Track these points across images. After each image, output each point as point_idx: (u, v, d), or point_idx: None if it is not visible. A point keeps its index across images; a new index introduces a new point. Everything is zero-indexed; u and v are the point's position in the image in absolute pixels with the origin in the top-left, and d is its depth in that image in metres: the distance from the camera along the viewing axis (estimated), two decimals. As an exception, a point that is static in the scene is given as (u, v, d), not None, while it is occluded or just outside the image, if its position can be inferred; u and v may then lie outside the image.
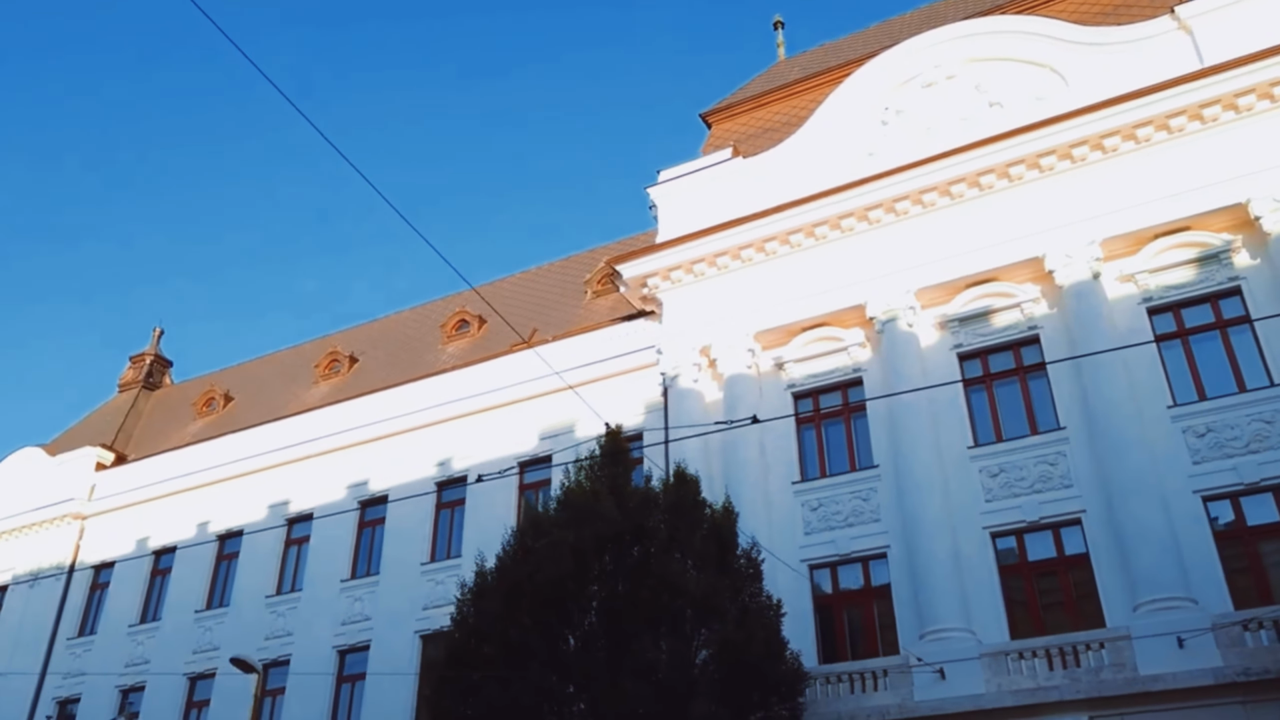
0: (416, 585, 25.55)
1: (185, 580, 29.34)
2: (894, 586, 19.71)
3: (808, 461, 22.20)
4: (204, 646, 27.76)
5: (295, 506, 28.62)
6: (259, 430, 30.32)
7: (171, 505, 30.85)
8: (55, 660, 30.05)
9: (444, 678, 17.01)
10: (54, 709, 29.49)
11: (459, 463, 26.70)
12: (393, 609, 25.46)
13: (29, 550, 32.41)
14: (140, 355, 40.79)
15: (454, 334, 31.37)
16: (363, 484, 27.87)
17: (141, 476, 32.10)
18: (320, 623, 26.15)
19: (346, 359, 33.28)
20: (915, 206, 22.28)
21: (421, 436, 27.50)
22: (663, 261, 24.53)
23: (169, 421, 36.19)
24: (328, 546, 27.52)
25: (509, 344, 28.84)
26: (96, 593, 31.22)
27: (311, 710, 25.09)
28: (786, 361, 23.07)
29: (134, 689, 28.40)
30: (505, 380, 26.98)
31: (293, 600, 27.18)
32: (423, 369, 30.25)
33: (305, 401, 32.19)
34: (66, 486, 32.97)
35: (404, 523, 26.66)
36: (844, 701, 18.31)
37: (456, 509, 26.47)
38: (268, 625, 27.03)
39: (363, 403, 28.88)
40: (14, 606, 31.74)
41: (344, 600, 26.39)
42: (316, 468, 28.74)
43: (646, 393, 24.93)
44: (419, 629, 24.88)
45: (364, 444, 28.26)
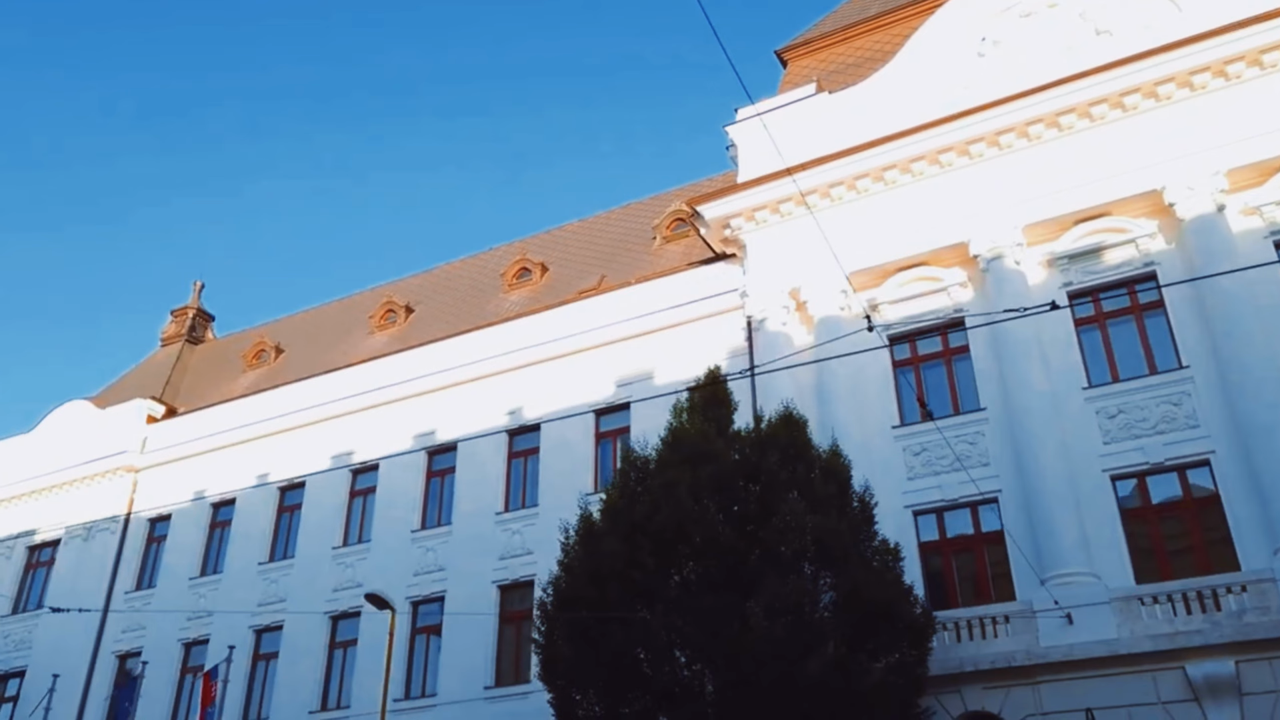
0: (491, 535, 24.93)
1: (246, 532, 28.77)
2: (1007, 531, 19.02)
3: (906, 405, 21.46)
4: (269, 599, 27.23)
5: (359, 457, 27.97)
6: (320, 380, 29.62)
7: (229, 457, 30.22)
8: (113, 613, 29.57)
9: (568, 621, 16.34)
10: (113, 662, 29.05)
11: (530, 411, 26.00)
12: (467, 559, 24.86)
13: (81, 503, 31.84)
14: (182, 309, 40.09)
15: (515, 282, 30.58)
16: (430, 433, 27.18)
17: (195, 429, 31.45)
18: (391, 574, 25.54)
19: (403, 309, 32.52)
20: (1020, 140, 21.35)
21: (490, 385, 26.78)
22: (747, 201, 23.65)
23: (218, 375, 35.52)
24: (395, 497, 26.90)
25: (575, 291, 28.13)
26: (153, 545, 30.67)
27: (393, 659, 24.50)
28: (881, 303, 22.24)
29: (196, 642, 27.91)
30: (576, 327, 26.19)
31: (361, 551, 26.60)
32: (485, 317, 29.52)
33: (363, 351, 31.47)
34: (117, 439, 32.35)
35: (474, 472, 26.03)
36: (963, 649, 17.68)
37: (529, 458, 25.80)
38: (335, 577, 26.47)
39: (428, 351, 28.14)
40: (68, 560, 31.24)
41: (415, 551, 25.80)
42: (381, 417, 28.06)
43: (729, 338, 24.13)
44: (496, 579, 24.30)
45: (430, 393, 27.55)
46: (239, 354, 35.65)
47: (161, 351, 39.01)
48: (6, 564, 32.40)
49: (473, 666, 23.57)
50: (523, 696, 22.66)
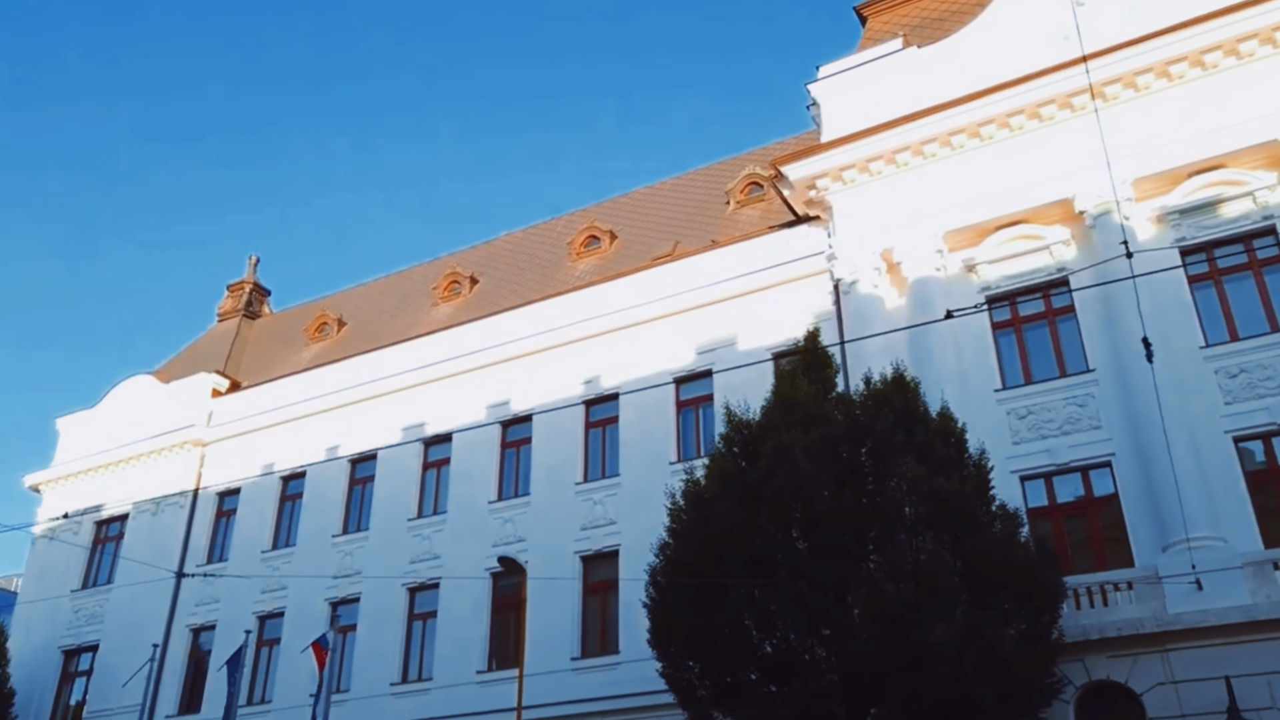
0: (571, 506, 24.53)
1: (317, 505, 28.53)
2: (1122, 496, 18.38)
3: (1007, 368, 20.80)
4: (344, 571, 27.00)
5: (431, 429, 27.63)
6: (390, 351, 29.29)
7: (297, 430, 29.98)
8: (185, 587, 29.48)
9: (679, 589, 15.90)
10: (187, 636, 28.98)
11: (607, 380, 25.52)
12: (547, 530, 24.48)
13: (149, 478, 31.75)
14: (238, 284, 39.88)
15: (583, 250, 30.04)
16: (504, 404, 26.78)
17: (261, 402, 31.24)
18: (470, 545, 25.23)
19: (467, 279, 32.08)
20: (1127, 91, 20.51)
21: (565, 354, 26.31)
22: (834, 160, 22.95)
23: (279, 348, 35.29)
24: (470, 468, 26.56)
25: (648, 258, 27.58)
26: (222, 519, 30.54)
27: (471, 633, 24.27)
28: (979, 263, 21.54)
29: (271, 615, 27.76)
30: (653, 294, 25.64)
31: (438, 523, 26.28)
32: (553, 286, 29.04)
33: (427, 323, 31.09)
34: (183, 413, 32.20)
35: (551, 443, 25.61)
36: (1083, 616, 17.08)
37: (608, 428, 25.35)
38: (412, 549, 26.18)
39: (500, 320, 27.71)
40: (138, 534, 31.18)
41: (493, 522, 25.45)
42: (453, 388, 27.68)
43: (814, 302, 23.51)
44: (579, 549, 23.91)
45: (503, 363, 27.13)
46: (300, 327, 35.38)
47: (219, 326, 38.84)
48: (75, 539, 32.38)
49: (558, 638, 23.22)
50: (611, 668, 22.35)
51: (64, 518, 31.08)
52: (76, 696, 30.29)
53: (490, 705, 23.19)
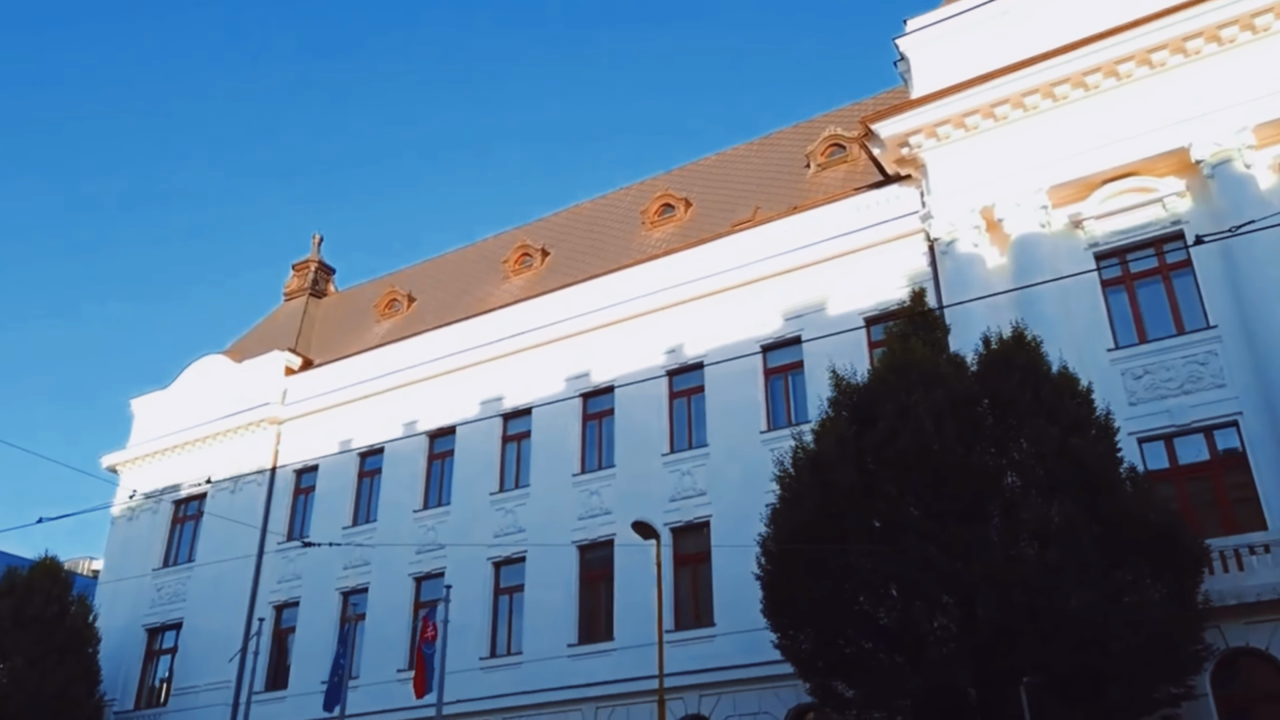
0: (659, 477, 24.10)
1: (397, 480, 28.37)
2: (1251, 456, 17.57)
3: (1119, 327, 19.98)
4: (427, 545, 26.83)
5: (510, 402, 27.31)
6: (464, 325, 28.99)
7: (373, 406, 29.82)
8: (267, 564, 29.53)
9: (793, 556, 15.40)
10: (270, 613, 29.01)
11: (691, 349, 25.00)
12: (632, 503, 23.99)
13: (226, 456, 31.80)
14: (303, 263, 39.82)
15: (658, 219, 29.48)
16: (583, 376, 26.37)
17: (336, 379, 31.10)
18: (554, 518, 24.91)
19: (538, 251, 31.66)
20: (1245, 33, 19.52)
21: (645, 324, 25.83)
22: (928, 116, 22.17)
23: (349, 325, 35.17)
24: (550, 442, 26.21)
25: (727, 224, 26.97)
26: (301, 497, 30.52)
27: (559, 607, 23.98)
28: (1085, 218, 20.70)
29: (355, 590, 27.69)
30: (735, 260, 25.05)
31: (519, 497, 25.99)
32: (628, 256, 28.54)
33: (499, 296, 30.74)
34: (258, 392, 32.20)
35: (633, 414, 25.18)
36: (1218, 581, 16.26)
37: (693, 398, 24.84)
38: (496, 523, 25.91)
39: (577, 291, 27.27)
40: (218, 512, 31.18)
41: (577, 495, 25.10)
42: (531, 361, 27.33)
43: (907, 264, 22.82)
44: (667, 521, 23.45)
45: (581, 335, 26.71)
46: (370, 304, 35.21)
47: (286, 305, 38.82)
48: (154, 519, 32.58)
49: (648, 611, 22.82)
50: (706, 640, 21.95)
51: (137, 497, 31.37)
52: (161, 673, 30.51)
53: (581, 679, 22.97)
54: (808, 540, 15.31)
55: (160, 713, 28.89)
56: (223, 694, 28.10)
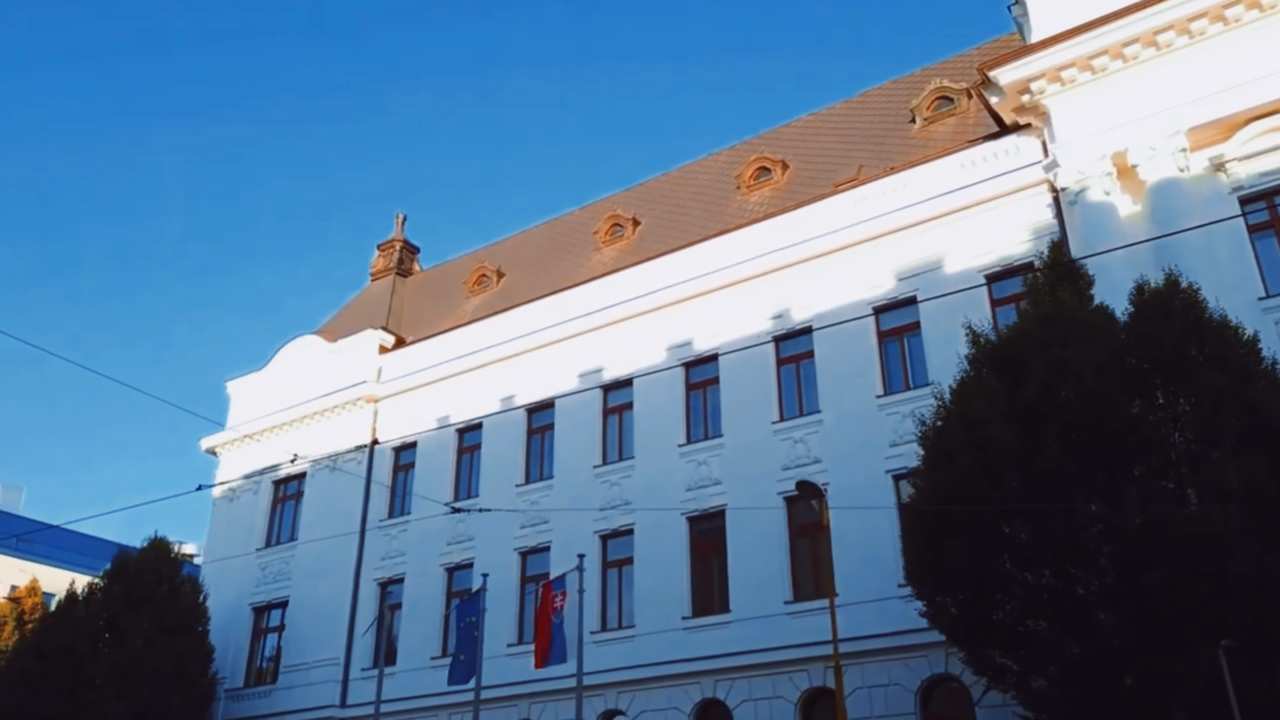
0: (769, 446, 23.47)
1: (496, 456, 28.16)
2: None
3: (1269, 273, 18.79)
4: (531, 521, 26.58)
5: (610, 373, 26.87)
6: (560, 298, 28.61)
7: (469, 381, 29.63)
8: (370, 541, 29.58)
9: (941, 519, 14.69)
10: (375, 590, 29.08)
11: (798, 313, 24.28)
12: (742, 472, 23.49)
13: (324, 435, 31.90)
14: (388, 243, 39.82)
15: (753, 182, 28.69)
16: (685, 344, 25.80)
17: (430, 356, 30.98)
18: (661, 490, 24.41)
19: (629, 221, 31.10)
20: (1407, -48, 18.11)
21: (749, 290, 25.15)
22: (1052, 60, 21.01)
23: (438, 302, 35.04)
24: (653, 412, 25.72)
25: (830, 184, 26.12)
26: (400, 474, 30.51)
27: (671, 579, 23.55)
28: (1228, 160, 19.47)
29: (459, 566, 27.59)
30: (842, 221, 24.23)
31: (624, 469, 25.57)
32: (725, 222, 27.85)
33: (592, 268, 30.28)
34: (353, 371, 32.24)
35: (739, 382, 24.57)
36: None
37: (801, 363, 24.13)
38: (600, 495, 25.52)
39: (676, 259, 26.69)
40: (317, 491, 31.42)
41: (684, 466, 24.59)
42: (630, 331, 26.84)
43: (1030, 216, 21.82)
44: (780, 490, 22.82)
45: (682, 303, 26.13)
46: (458, 281, 35.04)
47: (374, 285, 38.87)
48: (254, 499, 32.88)
49: (766, 583, 22.31)
50: (826, 611, 21.27)
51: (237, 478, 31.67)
52: (269, 651, 30.83)
53: (695, 652, 22.54)
54: (958, 501, 14.58)
55: (271, 690, 29.17)
56: (332, 670, 28.27)
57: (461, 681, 20.25)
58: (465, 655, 19.98)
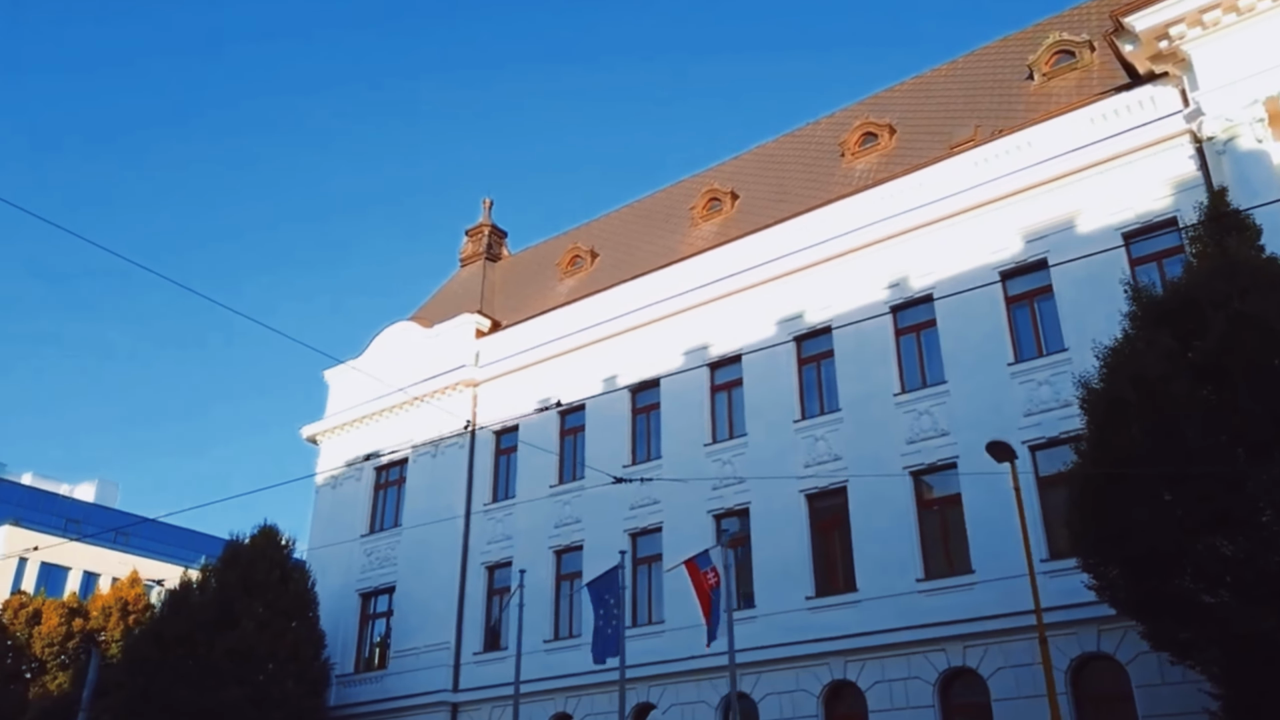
0: (892, 419, 22.64)
1: (601, 437, 27.73)
2: None
3: None
4: (642, 501, 26.08)
5: (717, 350, 26.23)
6: (661, 274, 28.07)
7: (569, 363, 29.24)
8: (475, 525, 29.40)
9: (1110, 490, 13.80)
10: (483, 574, 28.90)
11: (917, 281, 23.37)
12: (867, 446, 22.66)
13: (424, 421, 31.78)
14: (476, 228, 39.67)
15: (858, 150, 27.75)
16: (796, 318, 25.05)
17: (528, 338, 30.66)
18: (779, 465, 23.70)
19: (727, 195, 30.38)
20: None
21: (863, 258, 24.30)
22: (1193, 2, 19.81)
23: (532, 285, 34.73)
24: (765, 388, 25.02)
25: (941, 147, 25.12)
26: (502, 457, 30.26)
27: (793, 558, 22.87)
28: (1397, 100, 18.15)
29: (569, 549, 27.23)
30: (963, 183, 23.28)
31: (737, 447, 24.93)
32: (829, 192, 26.99)
33: (692, 243, 29.66)
34: (450, 355, 32.09)
35: (855, 354, 23.75)
36: None
37: (923, 333, 23.23)
38: (712, 473, 24.93)
39: (784, 230, 25.93)
40: (420, 476, 31.35)
41: (800, 442, 23.86)
42: (736, 306, 26.17)
43: (1169, 170, 20.64)
44: (907, 465, 22.03)
45: (791, 275, 25.37)
46: (551, 262, 34.68)
47: (464, 270, 38.74)
48: (357, 486, 32.93)
49: (894, 560, 21.51)
50: (965, 589, 20.46)
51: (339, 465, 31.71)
52: (376, 636, 30.87)
53: (821, 633, 21.86)
54: (1133, 464, 13.66)
55: (382, 675, 29.18)
56: (443, 655, 28.16)
57: (602, 660, 19.90)
58: (609, 632, 19.56)
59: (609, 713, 24.60)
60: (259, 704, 25.98)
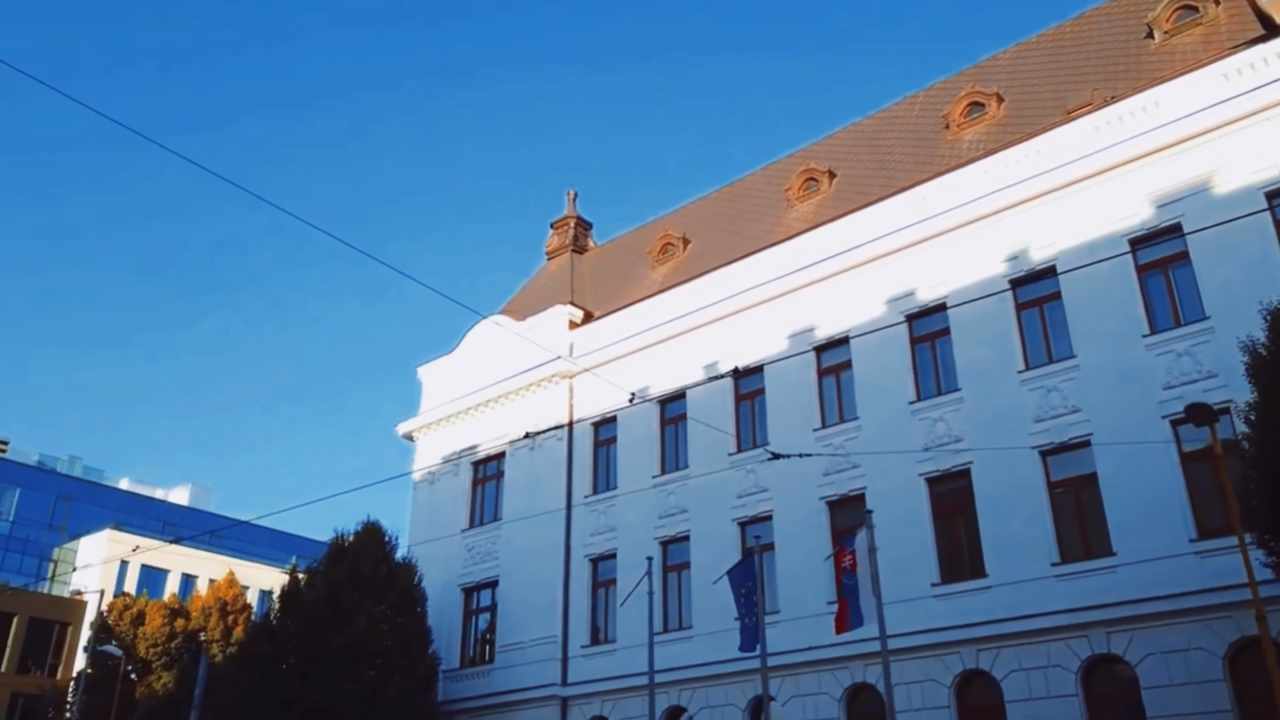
0: (1016, 397, 21.73)
1: (704, 424, 27.03)
2: None
3: None
4: (748, 490, 25.52)
5: (824, 332, 25.51)
6: (758, 258, 27.46)
7: (667, 351, 28.73)
8: (577, 518, 29.09)
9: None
10: (587, 566, 28.57)
11: (1038, 253, 22.38)
12: (990, 426, 21.77)
13: (520, 415, 31.57)
14: (561, 220, 39.41)
15: (964, 120, 26.76)
16: (906, 295, 24.21)
17: (623, 328, 30.22)
18: (897, 449, 22.91)
19: (824, 174, 29.59)
20: None
21: (980, 230, 23.37)
22: (1340, -58, 18.60)
23: (623, 274, 34.32)
24: (875, 370, 24.24)
25: (1055, 114, 24.03)
26: (601, 449, 29.90)
27: (915, 545, 22.06)
28: None
29: (675, 539, 26.74)
30: (1082, 150, 22.19)
31: (848, 431, 24.18)
32: (933, 165, 26.09)
33: (789, 224, 28.95)
34: (546, 348, 31.76)
35: (973, 332, 22.85)
36: None
37: (1046, 306, 22.25)
38: (823, 461, 24.15)
39: (887, 206, 25.14)
40: (518, 470, 31.14)
41: (917, 425, 23.05)
42: (842, 287, 25.41)
43: (1314, 123, 19.36)
44: (1036, 444, 21.10)
45: (899, 252, 24.53)
46: (642, 251, 34.23)
47: (551, 263, 38.52)
48: (455, 481, 32.87)
49: (1026, 544, 20.61)
50: (1106, 571, 19.48)
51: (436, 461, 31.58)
52: (479, 632, 30.74)
53: (949, 620, 21.07)
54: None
55: (489, 669, 29.03)
56: (550, 649, 27.91)
57: (750, 648, 19.40)
58: (750, 621, 19.05)
59: (725, 705, 24.17)
60: (371, 700, 26.00)
